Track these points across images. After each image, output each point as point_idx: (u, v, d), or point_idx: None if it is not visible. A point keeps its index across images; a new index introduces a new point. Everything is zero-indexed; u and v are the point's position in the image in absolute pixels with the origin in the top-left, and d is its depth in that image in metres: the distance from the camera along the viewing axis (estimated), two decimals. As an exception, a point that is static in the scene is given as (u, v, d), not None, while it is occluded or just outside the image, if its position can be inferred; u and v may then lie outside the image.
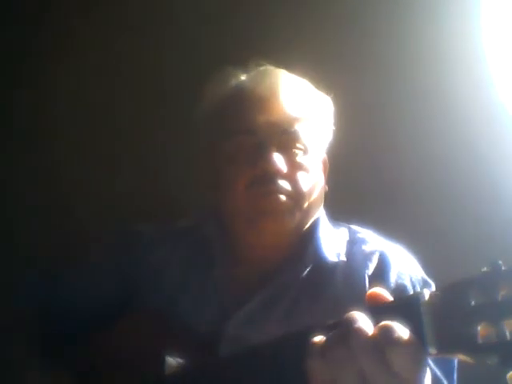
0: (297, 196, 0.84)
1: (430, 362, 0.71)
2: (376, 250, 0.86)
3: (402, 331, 0.46)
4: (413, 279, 0.82)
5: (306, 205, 0.85)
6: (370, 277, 0.82)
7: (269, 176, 0.81)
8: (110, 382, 0.80)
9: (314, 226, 0.89)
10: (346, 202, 1.08)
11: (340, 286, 0.82)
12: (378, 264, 0.84)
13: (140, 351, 0.79)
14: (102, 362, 0.82)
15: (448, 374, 0.75)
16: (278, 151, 0.83)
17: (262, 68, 0.92)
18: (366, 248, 0.87)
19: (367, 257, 0.85)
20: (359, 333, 0.46)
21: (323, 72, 0.91)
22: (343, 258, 0.86)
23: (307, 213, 0.86)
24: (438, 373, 0.73)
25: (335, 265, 0.85)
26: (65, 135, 1.32)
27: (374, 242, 0.88)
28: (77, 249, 1.18)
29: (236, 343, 0.77)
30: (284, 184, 0.82)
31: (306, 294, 0.83)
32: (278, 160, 0.82)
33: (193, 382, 0.73)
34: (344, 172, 1.00)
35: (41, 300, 0.92)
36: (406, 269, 0.84)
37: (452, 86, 1.19)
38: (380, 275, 0.82)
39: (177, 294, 0.87)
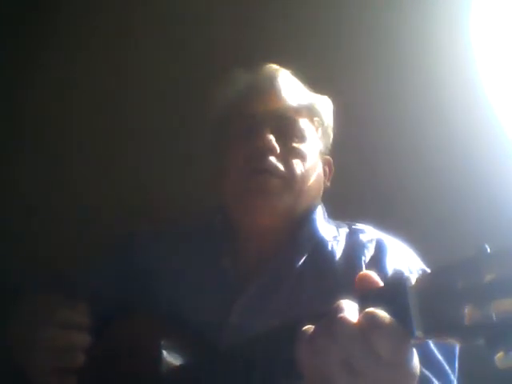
0: (288, 177, 0.86)
1: (433, 347, 0.72)
2: (373, 239, 0.87)
3: (384, 317, 0.46)
4: (410, 267, 0.82)
5: (297, 188, 0.87)
6: (366, 264, 0.83)
7: (261, 153, 0.86)
8: (109, 381, 0.80)
9: (310, 211, 0.91)
10: (345, 203, 1.09)
11: (338, 272, 0.83)
12: (374, 252, 0.85)
13: (139, 351, 0.79)
14: (101, 361, 0.83)
15: (449, 360, 0.75)
16: (273, 134, 0.87)
17: (266, 66, 0.97)
18: (364, 237, 0.88)
19: (364, 245, 0.86)
20: (343, 321, 0.47)
21: (321, 76, 0.97)
22: (342, 240, 0.87)
23: (299, 197, 0.88)
24: (440, 357, 0.73)
25: (333, 252, 0.86)
26: (65, 135, 1.33)
27: (372, 233, 0.90)
28: (77, 250, 1.19)
29: (238, 332, 0.78)
30: (276, 163, 0.86)
31: (305, 282, 0.83)
32: (272, 139, 0.86)
33: (189, 380, 0.73)
34: (342, 173, 1.01)
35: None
36: (403, 257, 0.84)
37: (452, 86, 1.19)
38: (376, 263, 0.82)
39: (180, 290, 0.87)
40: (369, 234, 0.89)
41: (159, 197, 1.30)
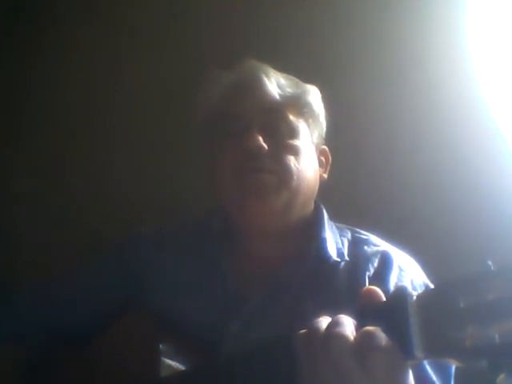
0: (283, 173, 0.83)
1: (428, 367, 0.71)
2: (378, 252, 0.85)
3: (382, 339, 0.45)
4: (414, 282, 0.81)
5: (294, 184, 0.84)
6: (370, 278, 0.81)
7: (252, 154, 0.83)
8: (108, 382, 0.80)
9: (318, 224, 0.88)
10: (345, 205, 1.08)
11: (341, 285, 0.82)
12: (378, 266, 0.83)
13: (138, 351, 0.79)
14: (100, 362, 0.82)
15: (445, 382, 0.74)
16: (263, 132, 0.85)
17: (247, 64, 0.93)
18: (368, 249, 0.86)
19: (369, 258, 0.84)
20: (338, 337, 0.46)
21: (318, 76, 0.93)
22: (346, 258, 0.85)
23: (296, 194, 0.84)
24: (434, 378, 0.72)
25: (338, 264, 0.84)
26: (65, 135, 1.33)
27: (377, 244, 0.88)
28: (78, 250, 1.19)
29: (238, 341, 0.77)
30: (268, 161, 0.83)
31: (308, 293, 0.82)
32: (260, 138, 0.83)
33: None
34: (343, 175, 1.00)
35: (41, 303, 0.92)
36: (408, 272, 0.83)
37: (452, 87, 1.17)
38: (380, 277, 0.81)
39: (179, 292, 0.87)
40: (374, 245, 0.87)
41: (159, 197, 1.29)
